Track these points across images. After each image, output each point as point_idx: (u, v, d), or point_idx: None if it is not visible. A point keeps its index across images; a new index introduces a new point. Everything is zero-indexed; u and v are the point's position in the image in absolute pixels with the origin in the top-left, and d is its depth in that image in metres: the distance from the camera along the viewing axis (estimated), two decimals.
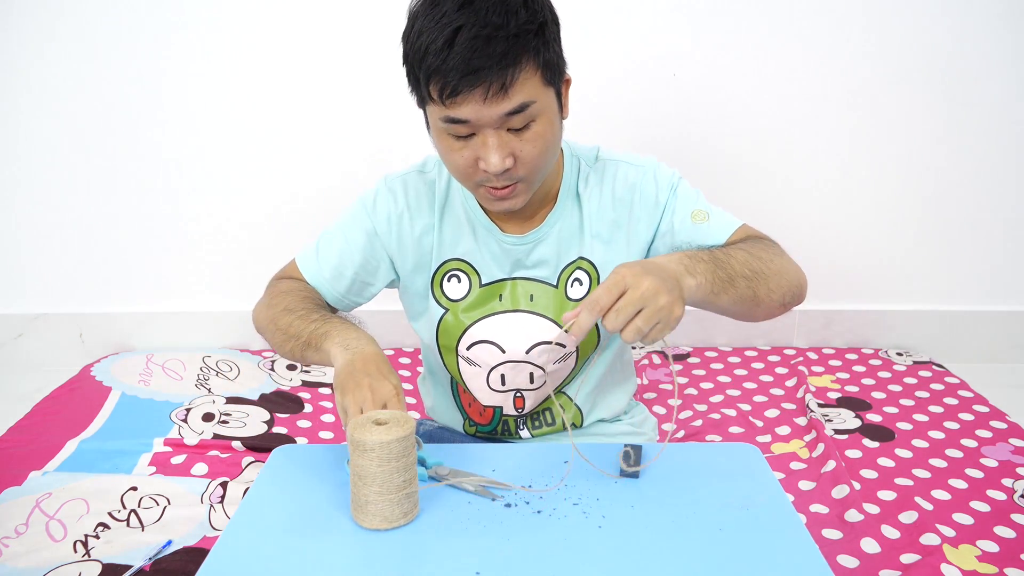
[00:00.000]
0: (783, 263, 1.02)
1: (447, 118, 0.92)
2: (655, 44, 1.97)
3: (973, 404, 1.82)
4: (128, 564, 1.25)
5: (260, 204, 2.09)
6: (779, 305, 1.01)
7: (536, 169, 0.98)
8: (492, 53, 0.87)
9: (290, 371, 2.00)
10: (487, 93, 0.88)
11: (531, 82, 0.91)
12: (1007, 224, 2.12)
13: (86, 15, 1.93)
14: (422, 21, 0.90)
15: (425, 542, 0.81)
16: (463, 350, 1.13)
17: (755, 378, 1.99)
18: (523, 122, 0.93)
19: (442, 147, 0.97)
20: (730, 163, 2.06)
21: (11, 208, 2.08)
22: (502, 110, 0.90)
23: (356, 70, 1.98)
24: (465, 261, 1.10)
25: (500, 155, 0.93)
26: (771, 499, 0.88)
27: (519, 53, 0.89)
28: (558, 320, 1.10)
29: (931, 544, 1.30)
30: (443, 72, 0.88)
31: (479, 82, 0.88)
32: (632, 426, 1.24)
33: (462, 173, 0.98)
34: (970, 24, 1.95)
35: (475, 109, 0.90)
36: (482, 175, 0.96)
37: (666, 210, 1.08)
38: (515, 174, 0.96)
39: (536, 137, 0.94)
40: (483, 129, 0.92)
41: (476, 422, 1.21)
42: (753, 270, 0.97)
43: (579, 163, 1.11)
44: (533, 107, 0.92)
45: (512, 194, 0.99)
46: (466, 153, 0.95)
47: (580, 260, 1.09)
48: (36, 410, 1.79)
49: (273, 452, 1.00)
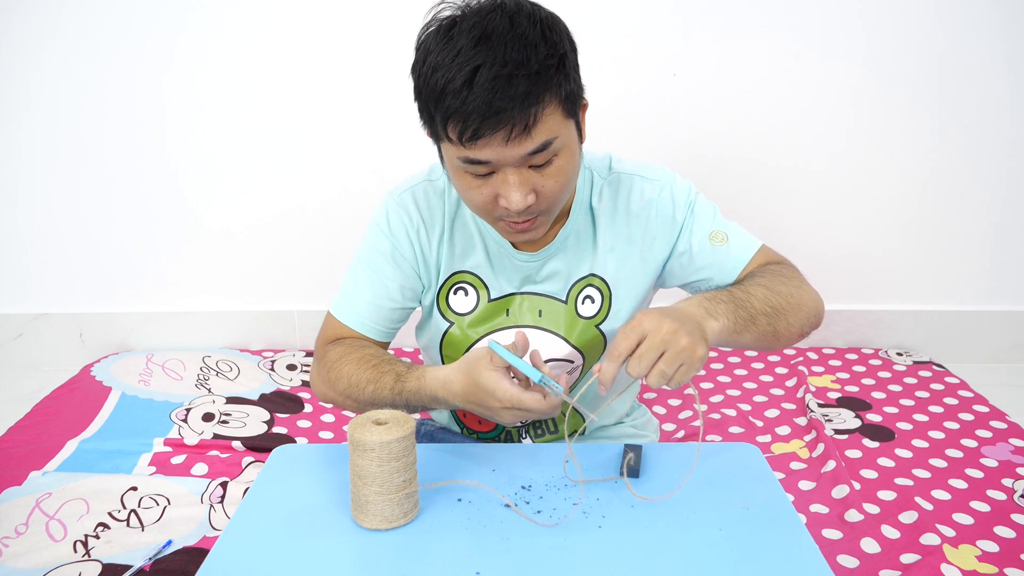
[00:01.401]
0: (801, 295, 1.01)
1: (466, 159, 0.89)
2: (655, 44, 1.97)
3: (973, 404, 1.82)
4: (128, 564, 1.25)
5: (260, 204, 2.09)
6: (798, 335, 1.01)
7: (557, 202, 0.95)
8: (514, 94, 0.83)
9: (290, 371, 2.00)
10: (509, 135, 0.85)
11: (553, 118, 0.88)
12: (1007, 224, 2.12)
13: (88, 14, 1.93)
14: (436, 56, 0.86)
15: (425, 542, 0.81)
16: None
17: (755, 378, 1.99)
18: (545, 159, 0.90)
19: (460, 184, 0.94)
20: (730, 163, 2.06)
21: (11, 208, 2.08)
22: (524, 150, 0.87)
23: (361, 74, 1.98)
24: (475, 274, 1.08)
25: (522, 193, 0.90)
26: (771, 499, 0.88)
27: (542, 91, 0.85)
28: (568, 337, 1.08)
29: (931, 544, 1.30)
30: (463, 114, 0.84)
31: (502, 125, 0.84)
32: (634, 428, 1.24)
33: (482, 209, 0.95)
34: (970, 24, 1.95)
35: (496, 151, 0.87)
36: (503, 211, 0.93)
37: (683, 230, 1.05)
38: (536, 208, 0.93)
39: (558, 172, 0.92)
40: (503, 167, 0.89)
41: (475, 430, 1.19)
42: (773, 306, 0.96)
43: (592, 175, 1.08)
44: (555, 143, 0.89)
45: (533, 226, 0.96)
46: (486, 191, 0.92)
47: (591, 276, 1.07)
48: (36, 410, 1.79)
49: (273, 452, 1.00)
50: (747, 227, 1.09)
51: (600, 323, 1.08)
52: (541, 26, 0.86)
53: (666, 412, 1.81)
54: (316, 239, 2.10)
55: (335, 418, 1.78)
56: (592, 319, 1.08)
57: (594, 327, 1.08)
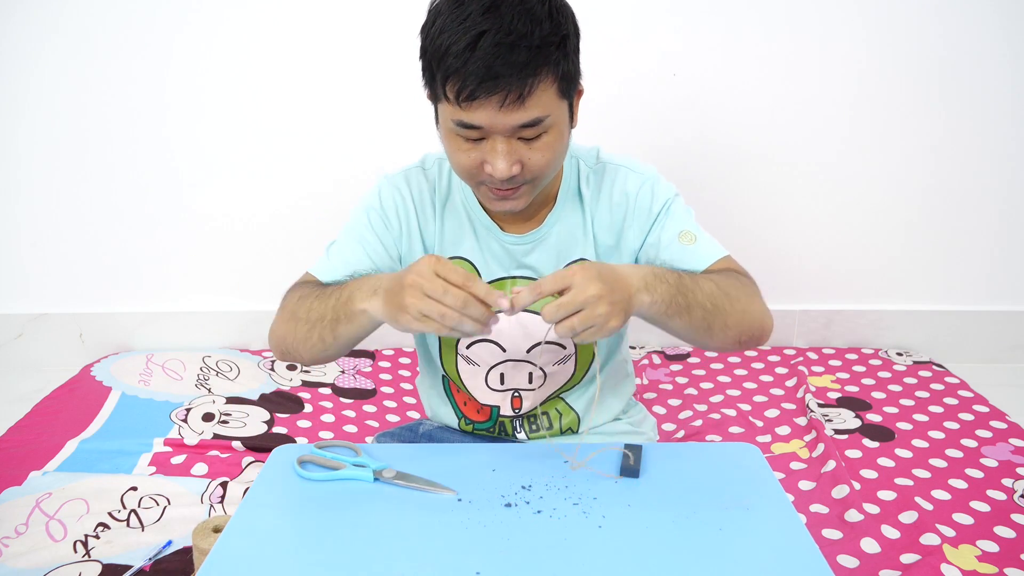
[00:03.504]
0: (749, 304, 1.02)
1: (460, 122, 0.92)
2: (655, 44, 1.98)
3: (973, 404, 1.82)
4: (128, 564, 1.25)
5: (261, 204, 2.09)
6: (734, 342, 1.01)
7: (542, 176, 0.98)
8: (514, 62, 0.87)
9: (290, 371, 2.00)
10: (504, 101, 0.89)
11: (547, 94, 0.92)
12: (1007, 224, 2.12)
13: (88, 12, 1.93)
14: (445, 19, 0.90)
15: (425, 542, 0.81)
16: (463, 348, 1.13)
17: (755, 378, 1.98)
18: (535, 133, 0.93)
19: (450, 146, 0.98)
20: (730, 163, 2.06)
21: (11, 208, 2.07)
22: (516, 121, 0.91)
23: (362, 75, 1.98)
24: (467, 260, 1.10)
25: (508, 162, 0.93)
26: (771, 499, 0.88)
27: (539, 64, 0.89)
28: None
29: (931, 544, 1.30)
30: (463, 74, 0.88)
31: (497, 89, 0.88)
32: (631, 425, 1.24)
33: (466, 172, 0.98)
34: (970, 25, 1.95)
35: (489, 116, 0.90)
36: (487, 177, 0.97)
37: (656, 223, 1.08)
38: (520, 179, 0.97)
39: (545, 147, 0.95)
40: (493, 135, 0.93)
41: (472, 419, 1.20)
42: (715, 304, 0.97)
43: (579, 164, 1.11)
44: (547, 120, 0.93)
45: (515, 195, 0.99)
46: (473, 155, 0.95)
47: (581, 261, 1.09)
48: (36, 410, 1.79)
49: (273, 452, 1.00)
50: (746, 228, 1.10)
51: None
52: (550, 5, 0.91)
53: (666, 412, 1.81)
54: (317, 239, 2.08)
55: (335, 418, 1.78)
56: None
57: None
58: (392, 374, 2.01)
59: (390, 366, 2.05)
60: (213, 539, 0.82)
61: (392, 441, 1.24)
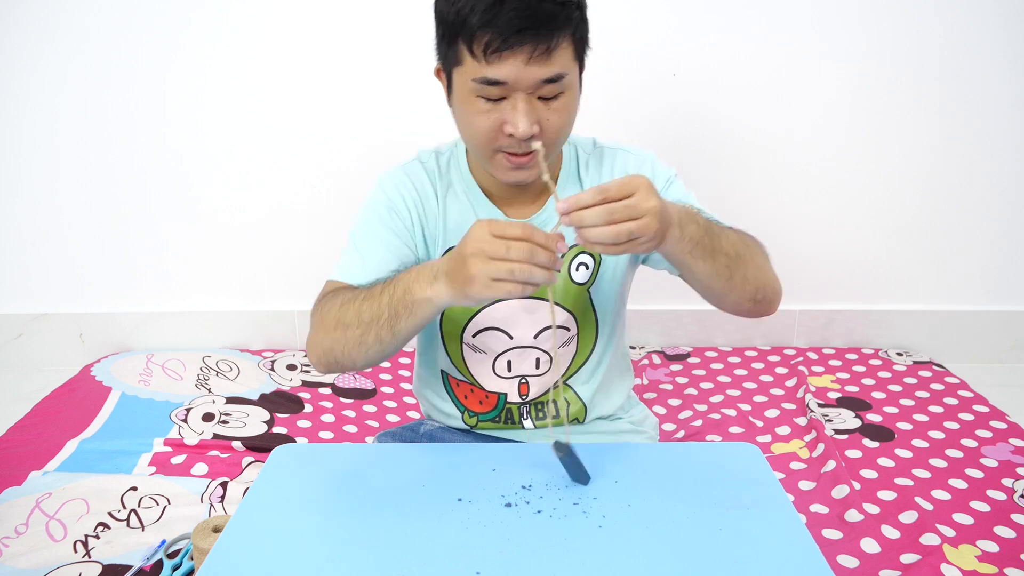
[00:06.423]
0: (765, 262, 1.04)
1: (483, 79, 0.93)
2: (655, 43, 1.97)
3: (973, 404, 1.82)
4: (128, 564, 1.25)
5: (261, 204, 2.09)
6: (749, 299, 1.01)
7: (556, 141, 1.00)
8: (542, 16, 0.90)
9: (290, 371, 2.00)
10: (532, 53, 0.90)
11: (567, 53, 0.94)
12: (1007, 224, 2.11)
13: (88, 11, 1.93)
14: None
15: (425, 542, 0.81)
16: (468, 337, 1.13)
17: (755, 378, 1.99)
18: (554, 92, 0.95)
19: (467, 110, 0.98)
20: (730, 163, 2.06)
21: (12, 208, 2.08)
22: (541, 75, 0.92)
23: (364, 76, 1.97)
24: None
25: (529, 121, 0.94)
26: (771, 499, 0.88)
27: (564, 22, 0.92)
28: (564, 304, 1.11)
29: (931, 544, 1.30)
30: (493, 26, 0.89)
31: (526, 41, 0.90)
32: (632, 424, 1.24)
33: (484, 137, 0.98)
34: (970, 24, 1.95)
35: (515, 69, 0.91)
36: (505, 141, 0.97)
37: None
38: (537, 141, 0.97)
39: (563, 108, 0.97)
40: (515, 93, 0.94)
41: (476, 411, 1.20)
42: (738, 254, 0.98)
43: (577, 150, 1.13)
44: (566, 79, 0.95)
45: (530, 163, 0.99)
46: (493, 116, 0.96)
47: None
48: (36, 410, 1.79)
49: (273, 452, 1.00)
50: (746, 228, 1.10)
51: (590, 287, 1.12)
52: None
53: (666, 412, 1.81)
54: (316, 239, 2.09)
55: (335, 418, 1.78)
56: (584, 284, 1.12)
57: (586, 291, 1.12)
58: (392, 374, 2.01)
59: (390, 366, 2.05)
60: (213, 539, 0.82)
61: (393, 441, 1.24)
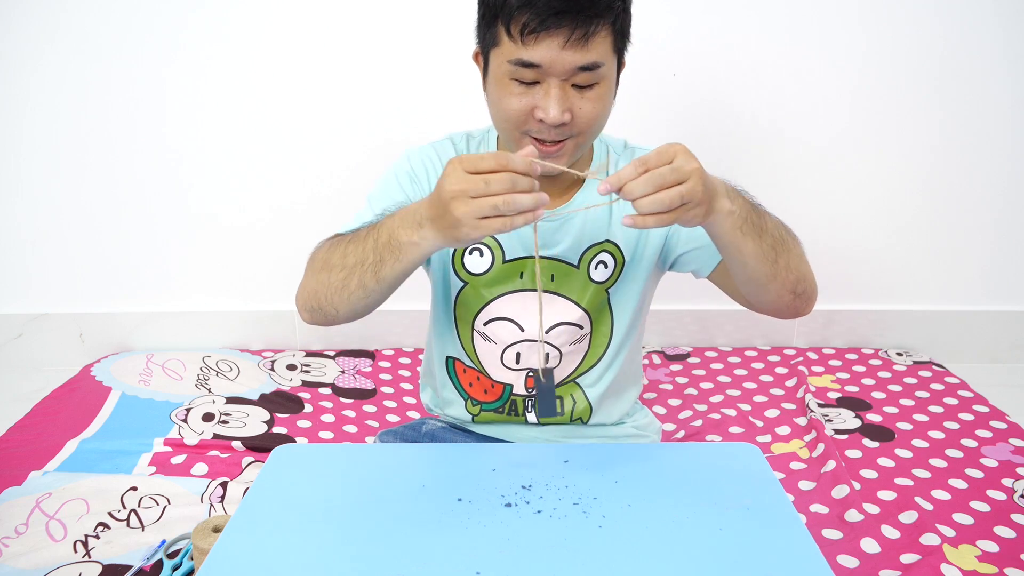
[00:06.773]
0: (804, 254, 1.02)
1: (518, 60, 0.92)
2: (655, 44, 1.97)
3: (973, 404, 1.82)
4: (128, 564, 1.25)
5: (261, 204, 2.09)
6: (790, 291, 0.99)
7: (588, 131, 0.98)
8: (583, 2, 0.89)
9: (290, 371, 2.00)
10: (569, 37, 0.90)
11: (606, 43, 0.93)
12: (1007, 224, 2.11)
13: (88, 11, 1.93)
14: None
15: (425, 542, 0.81)
16: (480, 325, 1.12)
17: (755, 378, 1.99)
18: (589, 80, 0.94)
19: (500, 92, 0.97)
20: (730, 162, 2.04)
21: (12, 207, 2.07)
22: (576, 61, 0.92)
23: (365, 76, 1.96)
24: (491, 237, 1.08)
25: (560, 107, 0.93)
26: (771, 499, 0.88)
27: (605, 8, 0.91)
28: (579, 301, 1.10)
29: (931, 544, 1.30)
30: (531, 7, 0.89)
31: (564, 24, 0.89)
32: (636, 428, 1.24)
33: (514, 119, 0.97)
34: (970, 24, 1.95)
35: (551, 53, 0.91)
36: (534, 125, 0.96)
37: None
38: (567, 130, 0.96)
39: (597, 98, 0.96)
40: (549, 78, 0.93)
41: (480, 400, 1.19)
42: (781, 238, 0.96)
43: (607, 148, 1.13)
44: (602, 69, 0.94)
45: (560, 151, 0.98)
46: (525, 100, 0.95)
47: (606, 243, 1.09)
48: (36, 410, 1.79)
49: (273, 452, 1.00)
50: None
51: (609, 287, 1.11)
52: None
53: (666, 412, 1.81)
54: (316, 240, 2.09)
55: (335, 418, 1.78)
56: (603, 283, 1.10)
57: (604, 291, 1.11)
58: (392, 374, 2.01)
59: (390, 366, 2.05)
60: (213, 539, 0.83)
61: (395, 440, 1.24)
